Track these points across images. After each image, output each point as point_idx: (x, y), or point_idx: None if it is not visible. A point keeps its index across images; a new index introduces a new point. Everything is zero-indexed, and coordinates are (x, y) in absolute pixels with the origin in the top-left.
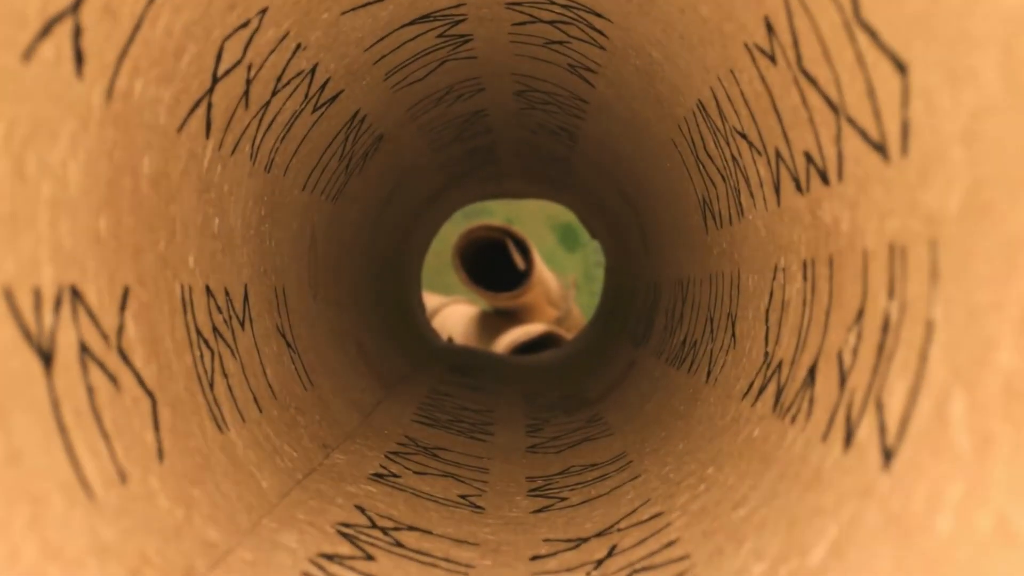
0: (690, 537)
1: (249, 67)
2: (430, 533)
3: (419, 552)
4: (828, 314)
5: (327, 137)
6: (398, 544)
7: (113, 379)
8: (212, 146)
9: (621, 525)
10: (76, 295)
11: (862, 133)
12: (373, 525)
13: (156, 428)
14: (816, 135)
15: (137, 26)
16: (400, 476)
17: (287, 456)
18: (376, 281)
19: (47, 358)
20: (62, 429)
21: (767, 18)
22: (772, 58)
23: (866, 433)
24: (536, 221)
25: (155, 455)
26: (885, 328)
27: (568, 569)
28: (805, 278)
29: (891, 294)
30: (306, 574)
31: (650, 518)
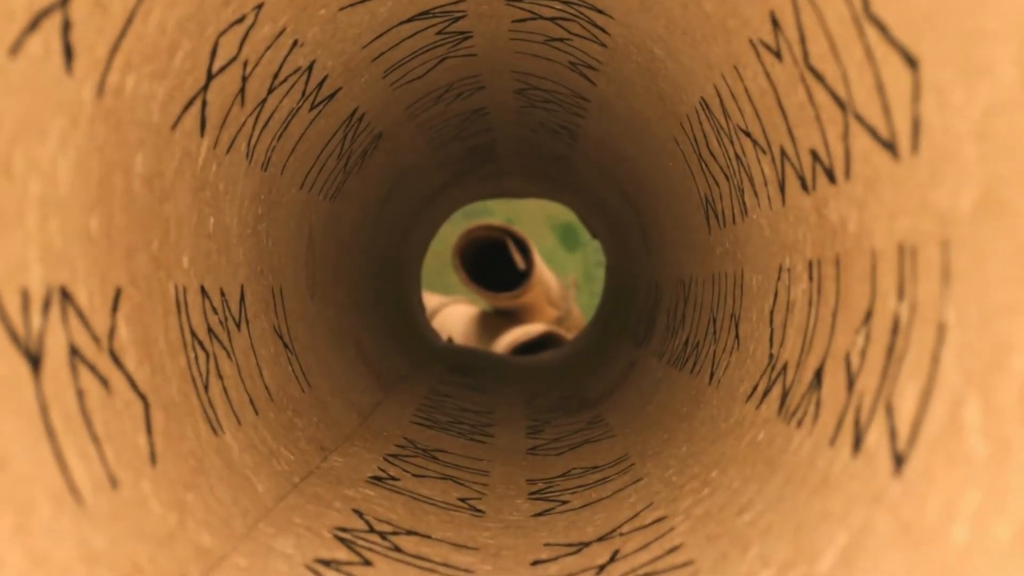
0: (694, 542)
1: (245, 64)
2: (429, 537)
3: (418, 557)
4: (835, 315)
5: (325, 135)
6: (396, 549)
7: (104, 382)
8: (207, 144)
9: (623, 529)
10: (66, 296)
11: (871, 131)
12: (371, 529)
13: (149, 431)
14: (823, 133)
15: (129, 21)
16: (399, 479)
17: (284, 459)
18: (375, 281)
19: (35, 361)
20: (50, 434)
21: (773, 13)
22: (778, 54)
23: (876, 438)
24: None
25: (147, 459)
26: (895, 330)
27: (570, 574)
28: (811, 278)
29: (901, 295)
30: None
31: (653, 522)
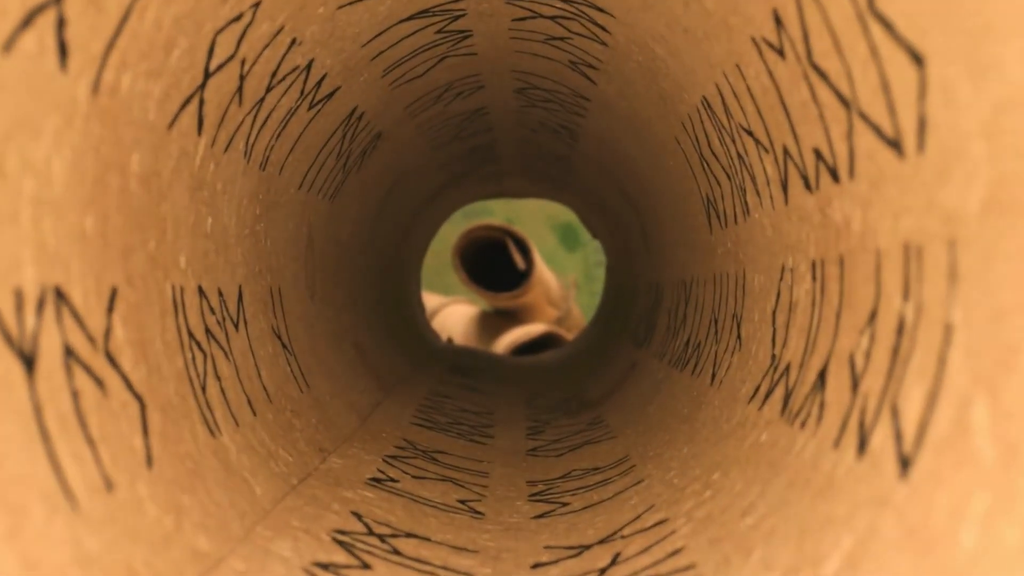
0: (696, 545)
1: (242, 62)
2: (428, 540)
3: (417, 560)
4: (839, 316)
5: (324, 135)
6: (395, 552)
7: (100, 383)
8: (204, 143)
9: (625, 532)
10: (60, 296)
11: (875, 129)
12: (370, 532)
13: (145, 433)
14: (826, 131)
15: (124, 18)
16: (398, 481)
17: (282, 461)
18: (375, 281)
19: (29, 362)
20: (44, 436)
21: (775, 11)
22: (780, 52)
23: (881, 440)
24: (536, 221)
25: (143, 461)
26: (900, 331)
27: None
28: (814, 279)
29: (906, 296)
30: None
31: (654, 525)
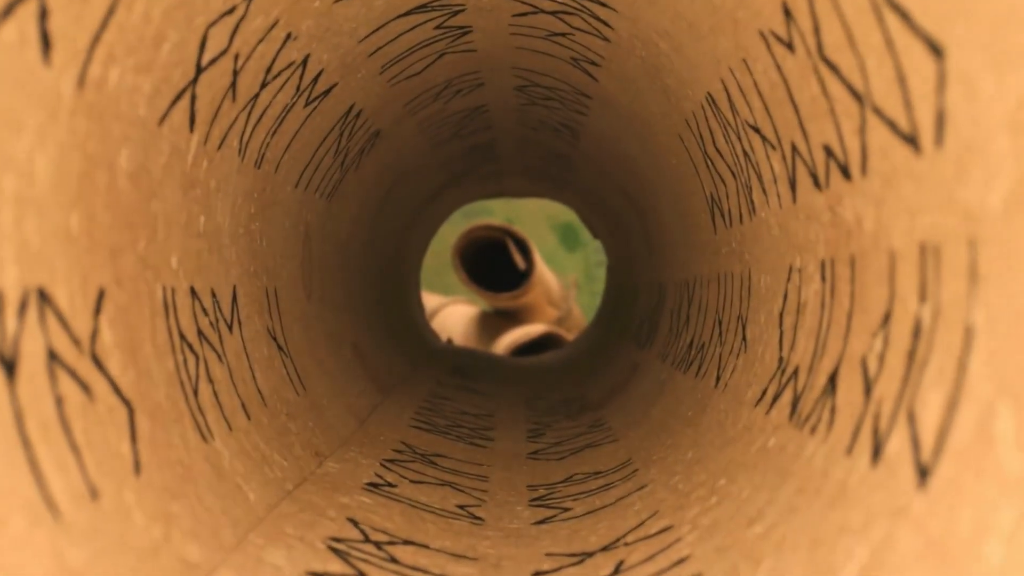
0: (702, 554)
1: (236, 57)
2: (426, 547)
3: (415, 568)
4: (850, 318)
5: (321, 132)
6: (392, 560)
7: (85, 388)
8: (197, 140)
9: (628, 539)
10: (44, 298)
11: (890, 124)
12: (366, 539)
13: (133, 439)
14: (837, 127)
15: (111, 10)
16: (396, 485)
17: (277, 466)
18: (374, 281)
19: (9, 366)
20: (25, 443)
21: (785, 3)
22: (790, 46)
23: (897, 447)
24: (536, 221)
25: (131, 468)
26: (916, 334)
27: None
28: (823, 279)
29: (923, 297)
30: None
31: (659, 532)
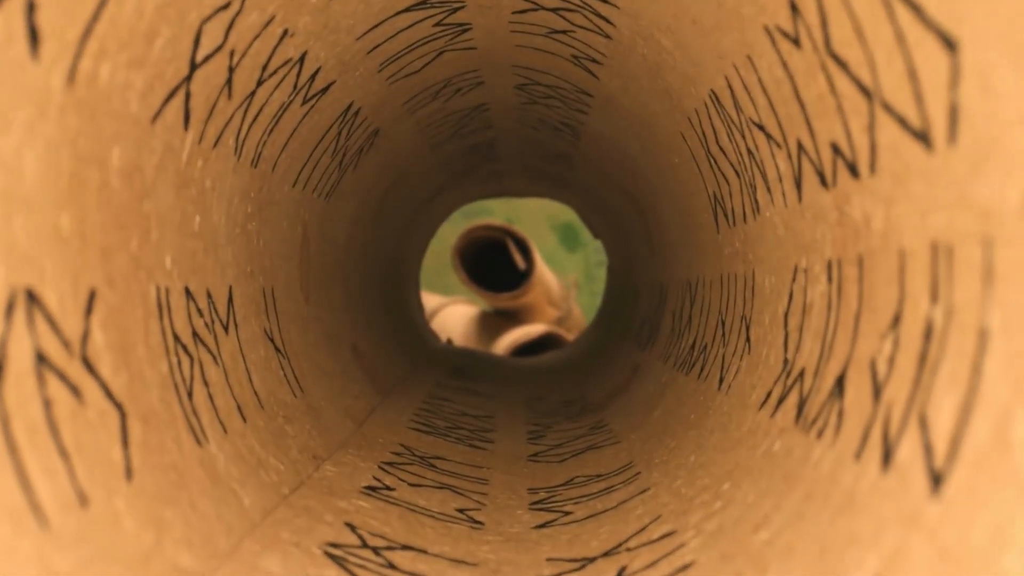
0: (707, 561)
1: (231, 53)
2: (425, 552)
3: (413, 574)
4: (858, 319)
5: (319, 131)
6: (390, 566)
7: (75, 391)
8: (191, 138)
9: (630, 544)
10: (32, 299)
11: (900, 120)
12: (364, 545)
13: (125, 444)
14: (845, 124)
15: (101, 4)
16: (394, 489)
17: (273, 469)
18: (373, 281)
19: None
20: (12, 448)
21: None
22: (796, 41)
23: (908, 453)
24: (536, 221)
25: (122, 473)
26: (928, 336)
27: None
28: (830, 280)
29: (934, 298)
30: None
31: (661, 537)
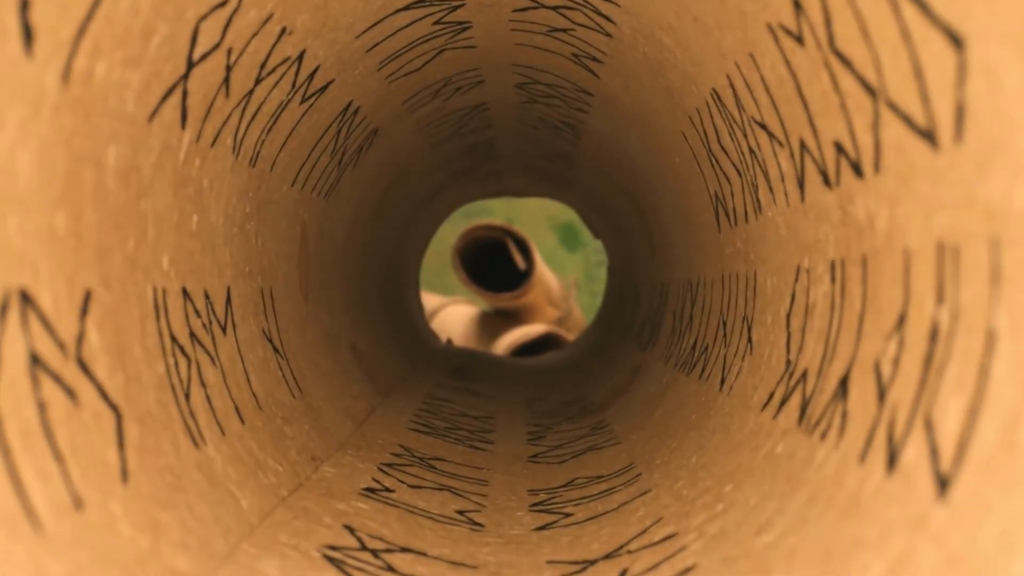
0: (709, 564)
1: (229, 51)
2: (424, 555)
3: None
4: (861, 320)
5: (318, 130)
6: (389, 568)
7: (70, 393)
8: (189, 137)
9: (631, 547)
10: (26, 300)
11: (905, 119)
12: (363, 547)
13: (121, 446)
14: (849, 123)
15: (97, 1)
16: (394, 490)
17: (271, 471)
18: (372, 281)
19: None
20: (5, 451)
21: None
22: (799, 39)
23: (914, 456)
24: (536, 220)
25: (118, 476)
26: (933, 337)
27: None
28: (833, 280)
29: (940, 299)
30: None
31: (663, 539)
